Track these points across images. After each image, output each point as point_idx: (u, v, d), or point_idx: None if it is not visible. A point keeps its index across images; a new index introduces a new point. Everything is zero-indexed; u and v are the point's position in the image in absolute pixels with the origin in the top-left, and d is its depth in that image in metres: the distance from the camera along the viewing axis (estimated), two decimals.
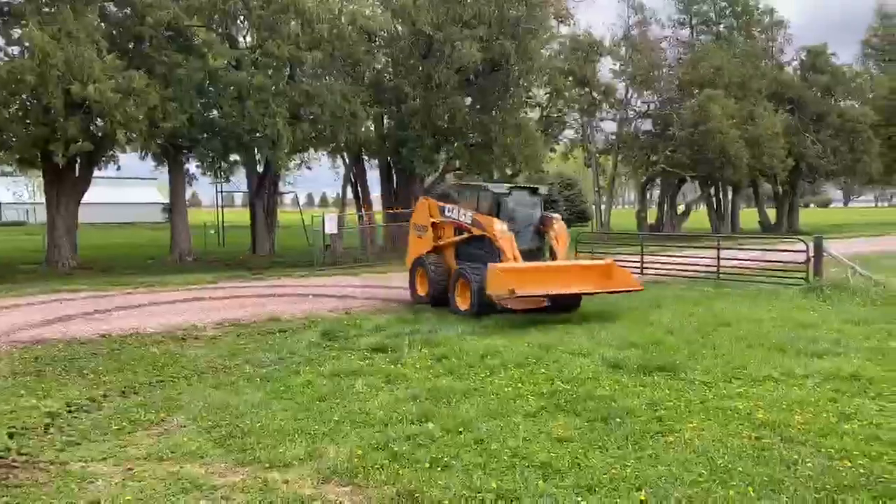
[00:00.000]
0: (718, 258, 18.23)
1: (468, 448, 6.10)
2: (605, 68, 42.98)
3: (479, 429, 6.56)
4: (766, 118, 40.67)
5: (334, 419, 6.97)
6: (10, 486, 5.39)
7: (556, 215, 14.11)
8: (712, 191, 47.71)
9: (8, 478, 5.59)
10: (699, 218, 51.07)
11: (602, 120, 44.60)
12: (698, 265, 18.64)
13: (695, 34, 47.77)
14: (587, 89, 38.55)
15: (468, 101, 29.45)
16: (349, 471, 5.59)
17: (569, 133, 42.68)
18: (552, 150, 39.03)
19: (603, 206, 46.25)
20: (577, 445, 6.14)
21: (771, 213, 53.49)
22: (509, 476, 5.48)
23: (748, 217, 53.50)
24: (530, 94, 32.57)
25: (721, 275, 17.94)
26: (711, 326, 11.46)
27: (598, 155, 44.42)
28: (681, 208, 49.20)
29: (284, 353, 10.17)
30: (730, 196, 49.44)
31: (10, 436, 6.60)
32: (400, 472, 5.57)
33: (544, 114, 37.37)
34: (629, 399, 7.46)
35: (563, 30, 34.79)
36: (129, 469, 5.74)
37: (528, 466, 5.68)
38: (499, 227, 13.14)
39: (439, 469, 5.64)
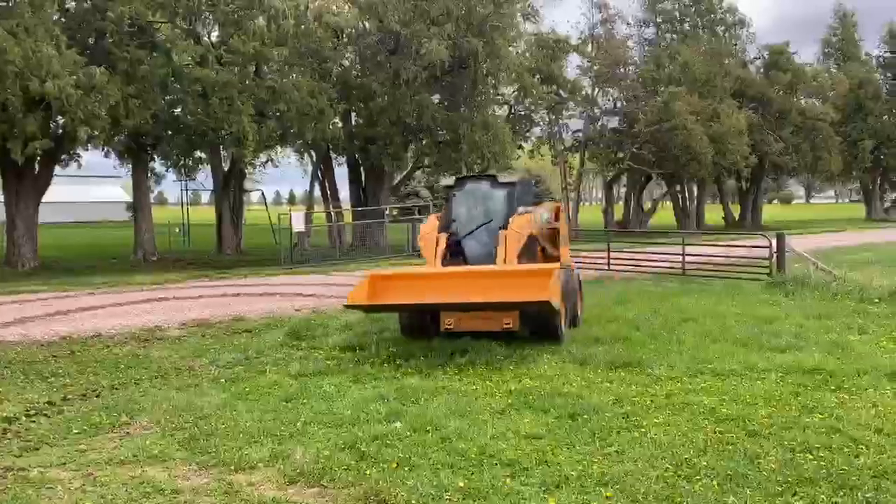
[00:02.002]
0: (683, 254, 18.44)
1: (436, 447, 6.07)
2: (572, 66, 43.26)
3: (447, 427, 6.53)
4: (731, 116, 41.26)
5: (301, 420, 6.90)
6: None
7: (526, 209, 11.03)
8: (678, 187, 48.30)
9: None
10: (665, 214, 51.67)
11: (569, 118, 44.86)
12: (664, 261, 18.85)
13: (660, 32, 48.29)
14: (554, 87, 38.70)
15: (436, 98, 29.44)
16: (315, 472, 5.53)
17: (536, 130, 42.84)
18: (520, 147, 39.14)
19: (570, 204, 46.54)
20: (545, 442, 6.15)
21: (735, 210, 54.32)
22: (476, 474, 5.47)
23: (713, 213, 54.26)
24: (498, 91, 32.65)
25: (686, 270, 18.15)
26: (676, 322, 11.59)
27: (565, 152, 44.65)
28: (647, 205, 49.74)
29: (250, 354, 10.07)
30: (695, 192, 50.08)
31: None
32: (367, 472, 5.52)
33: (512, 111, 37.48)
34: (596, 395, 7.51)
35: (530, 27, 34.92)
36: (90, 474, 5.61)
37: (496, 464, 5.67)
38: (423, 227, 11.26)
39: (406, 468, 5.60)
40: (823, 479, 5.28)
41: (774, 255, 16.28)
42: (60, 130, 21.37)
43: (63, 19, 21.68)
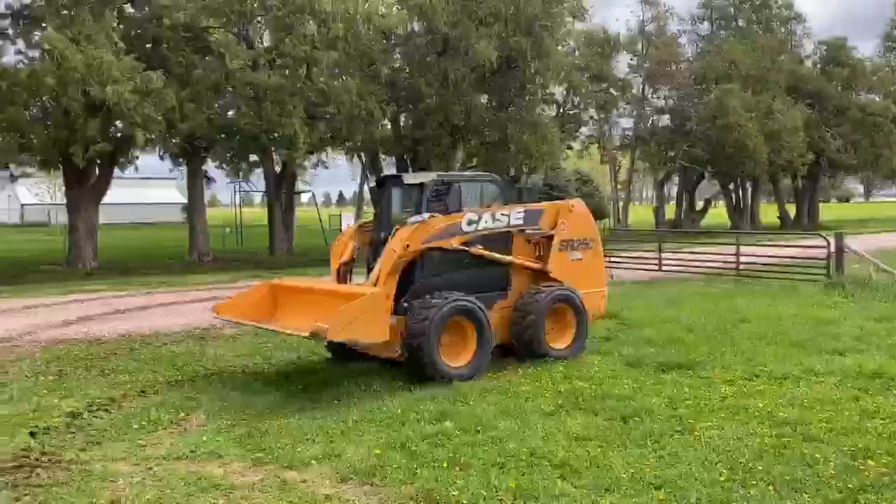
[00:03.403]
0: (738, 254, 18.07)
1: (486, 447, 6.08)
2: (622, 64, 42.79)
3: (497, 427, 6.55)
4: (786, 112, 40.26)
5: (352, 418, 6.98)
6: (33, 486, 5.45)
7: (421, 216, 8.68)
8: (731, 186, 47.32)
9: (30, 477, 5.65)
10: (718, 214, 50.67)
11: (619, 116, 44.37)
12: (717, 261, 18.49)
13: (713, 28, 47.38)
14: (604, 85, 38.36)
15: (484, 98, 29.41)
16: (367, 470, 5.60)
17: (585, 130, 42.48)
18: (569, 147, 38.87)
19: (620, 203, 46.03)
20: (596, 444, 6.11)
21: (791, 209, 52.96)
22: (527, 475, 5.46)
23: (768, 212, 52.97)
24: (547, 91, 32.46)
25: (740, 271, 17.78)
26: (731, 323, 11.36)
27: (615, 151, 44.21)
28: (699, 204, 48.85)
29: (303, 353, 10.21)
30: (749, 191, 49.01)
31: (33, 434, 6.67)
32: (417, 471, 5.56)
33: (560, 111, 37.23)
34: (648, 398, 7.41)
35: (579, 26, 34.63)
36: (149, 468, 5.78)
37: (547, 465, 5.65)
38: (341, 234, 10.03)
39: (457, 468, 5.62)
40: (886, 486, 5.13)
41: (832, 256, 15.83)
42: (119, 134, 21.99)
43: (122, 26, 22.31)
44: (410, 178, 9.87)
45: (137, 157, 26.26)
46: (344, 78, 25.37)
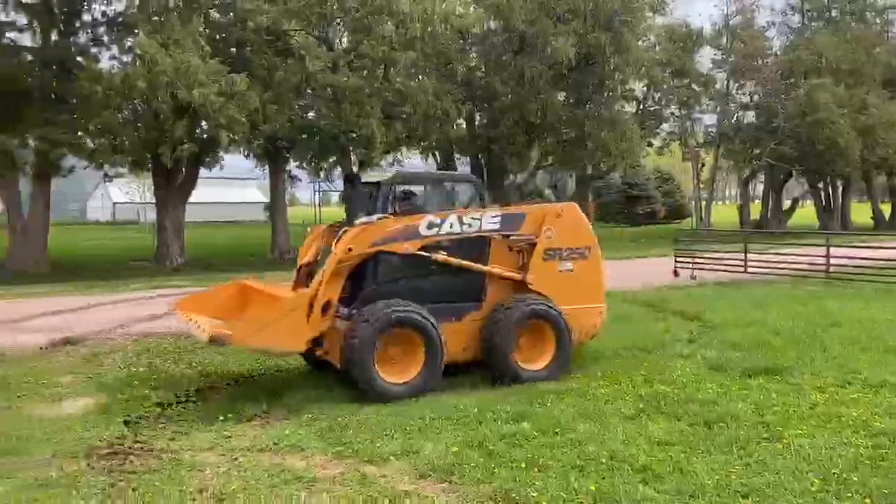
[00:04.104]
0: (828, 255, 17.29)
1: (564, 449, 6.00)
2: (705, 59, 41.59)
3: (576, 430, 6.45)
4: (881, 106, 38.29)
5: (430, 415, 7.01)
6: (126, 472, 5.69)
7: (370, 218, 8.13)
8: (821, 185, 45.35)
9: (124, 464, 5.90)
10: (806, 214, 48.65)
11: (702, 112, 43.13)
12: (805, 263, 17.74)
13: (803, 20, 45.49)
14: (686, 81, 37.36)
15: (561, 96, 29.13)
16: (445, 468, 5.61)
17: (666, 127, 41.48)
18: (649, 144, 38.06)
19: (703, 203, 44.77)
20: (679, 450, 5.94)
21: (885, 209, 50.33)
22: (608, 479, 5.36)
23: (860, 212, 50.49)
24: (626, 87, 31.89)
25: (830, 273, 17.01)
26: (821, 327, 10.87)
27: (697, 149, 42.98)
28: (786, 204, 47.01)
29: None
30: (840, 190, 46.87)
31: (126, 423, 6.98)
32: (496, 471, 5.54)
33: (640, 107, 36.50)
34: (733, 403, 7.17)
35: (660, 20, 33.88)
36: (235, 459, 5.95)
37: (628, 470, 5.53)
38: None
39: (535, 469, 5.57)
40: None
41: None
42: (205, 135, 22.78)
43: (207, 31, 23.08)
44: (368, 176, 9.27)
45: (222, 158, 27.16)
46: (420, 78, 25.57)
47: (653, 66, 31.78)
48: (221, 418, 7.14)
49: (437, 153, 32.95)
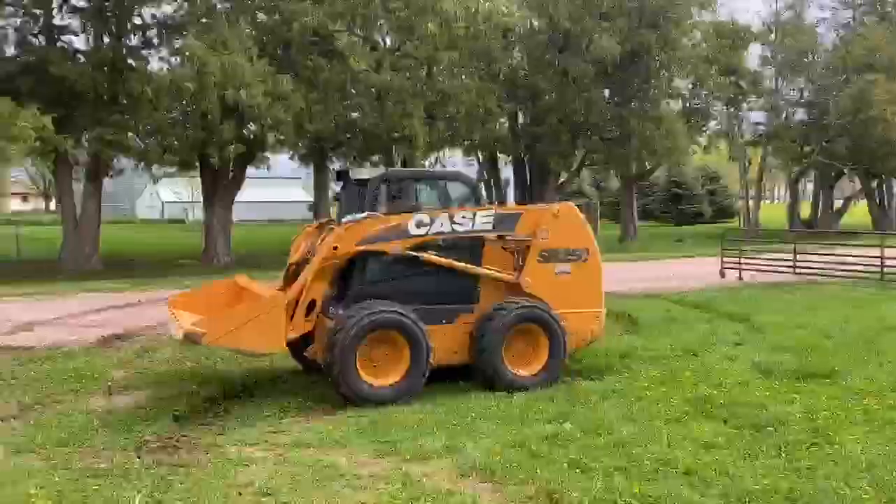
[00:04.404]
0: (882, 256, 16.78)
1: (608, 451, 5.95)
2: (753, 55, 40.71)
3: (619, 431, 6.39)
4: None
5: (472, 415, 7.02)
6: (175, 465, 5.82)
7: (354, 217, 8.01)
8: (874, 183, 44.03)
9: (173, 457, 6.04)
10: (859, 213, 47.31)
11: (750, 110, 42.23)
12: (858, 264, 17.25)
13: (855, 15, 44.22)
14: (733, 78, 36.62)
15: (605, 94, 28.87)
16: (487, 467, 5.60)
17: (712, 124, 40.72)
18: (695, 142, 37.43)
19: (750, 202, 43.87)
20: (726, 454, 5.84)
21: None
22: (652, 482, 5.30)
23: None
24: (672, 84, 31.44)
25: (886, 275, 16.51)
26: (875, 331, 10.56)
27: (745, 147, 42.11)
28: (838, 203, 45.78)
29: None
30: (895, 189, 45.46)
31: (175, 419, 7.13)
32: (538, 471, 5.52)
33: (686, 105, 35.93)
34: (782, 406, 7.01)
35: (707, 16, 33.27)
36: (280, 455, 6.04)
37: (673, 473, 5.46)
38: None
39: (578, 470, 5.53)
40: None
41: None
42: (251, 136, 23.13)
43: (254, 32, 23.44)
44: (357, 174, 8.93)
45: (268, 158, 27.57)
46: (463, 77, 25.59)
47: (699, 63, 31.28)
48: (267, 414, 7.27)
49: (479, 152, 32.94)
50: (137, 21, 22.38)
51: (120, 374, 8.95)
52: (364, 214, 7.95)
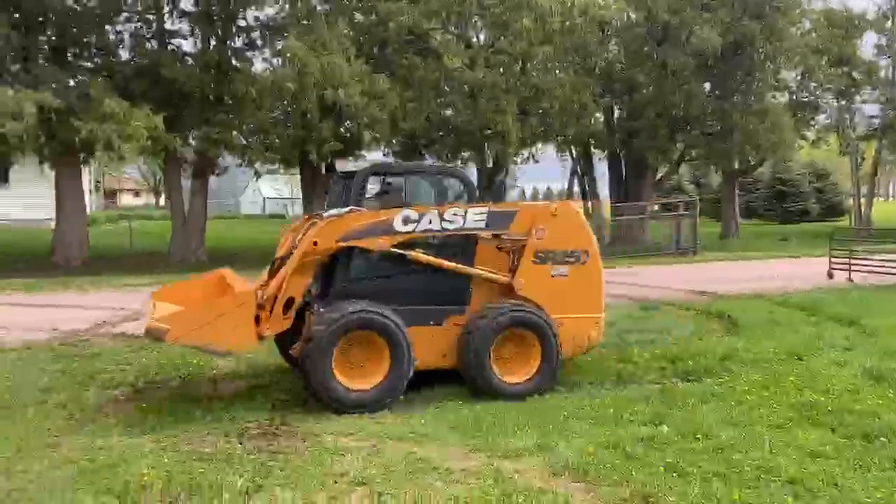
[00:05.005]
0: None
1: (706, 455, 5.76)
2: (868, 44, 38.43)
3: (718, 436, 6.18)
4: None
5: (563, 414, 6.95)
6: (274, 453, 6.02)
7: (339, 212, 7.70)
8: None
9: (272, 444, 6.26)
10: None
11: (864, 102, 39.90)
12: None
13: None
14: (845, 69, 34.71)
15: (706, 86, 27.94)
16: (580, 467, 5.53)
17: (822, 118, 38.71)
18: (802, 136, 35.71)
19: (862, 199, 41.49)
20: (834, 463, 5.56)
21: None
22: (753, 489, 5.10)
23: None
24: (778, 76, 30.10)
25: None
26: None
27: (857, 141, 39.83)
28: None
29: None
30: None
31: (273, 406, 7.39)
32: (633, 473, 5.40)
33: (793, 97, 34.33)
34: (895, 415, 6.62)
35: (817, 4, 31.71)
36: (374, 446, 6.15)
37: (776, 481, 5.24)
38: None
39: (675, 474, 5.39)
40: None
41: None
42: (348, 134, 23.64)
43: (352, 33, 23.93)
44: (342, 167, 8.56)
45: (364, 156, 28.12)
46: (558, 72, 25.32)
47: (808, 53, 29.82)
48: None
49: (573, 147, 32.54)
50: (241, 24, 23.28)
51: (224, 363, 9.32)
52: (347, 209, 7.61)
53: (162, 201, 66.80)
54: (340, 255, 7.59)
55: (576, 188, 34.82)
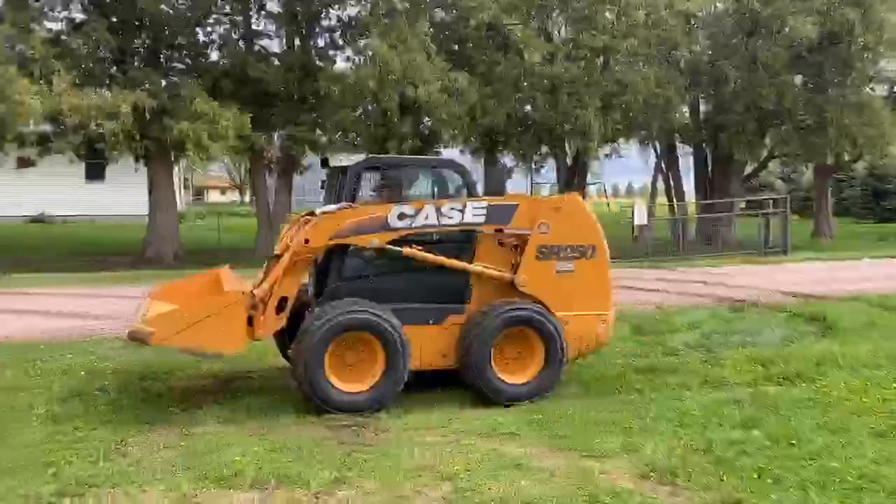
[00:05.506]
0: None
1: (802, 463, 5.53)
2: None
3: (814, 443, 5.92)
4: None
5: (649, 416, 6.80)
6: (358, 444, 6.13)
7: (330, 207, 7.47)
8: None
9: (357, 436, 6.36)
10: None
11: None
12: None
13: None
14: None
15: (799, 79, 26.79)
16: (668, 469, 5.40)
17: None
18: None
19: None
20: None
21: None
22: (854, 499, 4.87)
23: None
24: (877, 67, 28.58)
25: None
26: None
27: None
28: None
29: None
30: None
31: None
32: (724, 478, 5.24)
33: (893, 90, 32.54)
34: None
35: None
36: (457, 441, 6.16)
37: (880, 492, 4.98)
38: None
39: (769, 481, 5.19)
40: None
41: None
42: (426, 132, 23.77)
43: (432, 30, 24.04)
44: (337, 161, 8.16)
45: (441, 153, 28.24)
46: (641, 65, 24.78)
47: None
48: (444, 402, 7.39)
49: (656, 143, 31.81)
50: (325, 23, 23.73)
51: None
52: (338, 205, 7.34)
53: (247, 198, 68.79)
54: (334, 253, 7.39)
55: (659, 184, 34.01)
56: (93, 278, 17.18)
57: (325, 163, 8.62)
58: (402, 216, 7.20)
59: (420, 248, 7.38)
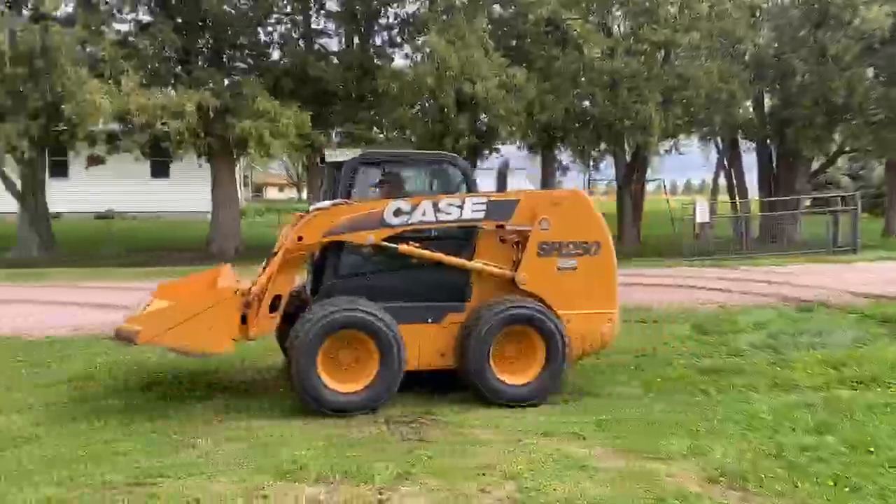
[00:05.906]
0: None
1: (880, 470, 5.31)
2: None
3: (893, 450, 5.67)
4: None
5: (717, 418, 6.62)
6: (420, 441, 6.13)
7: (324, 203, 7.26)
8: None
9: (418, 433, 6.37)
10: None
11: None
12: None
13: None
14: None
15: (871, 72, 25.79)
16: (737, 474, 5.24)
17: None
18: None
19: None
20: None
21: None
22: None
23: None
24: None
25: None
26: None
27: None
28: None
29: (657, 343, 9.98)
30: None
31: (417, 396, 7.44)
32: (798, 484, 5.06)
33: None
34: None
35: None
36: (519, 440, 6.10)
37: None
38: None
39: (846, 489, 4.99)
40: None
41: None
42: (484, 128, 23.71)
43: (490, 26, 23.95)
44: (333, 156, 7.91)
45: (498, 149, 28.12)
46: (704, 59, 24.22)
47: None
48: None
49: (718, 138, 31.06)
50: (383, 21, 23.88)
51: None
52: (332, 201, 7.17)
53: (304, 195, 69.82)
54: (330, 251, 7.24)
55: (721, 181, 33.18)
56: (157, 272, 17.66)
57: (322, 159, 8.43)
58: (398, 212, 7.06)
59: (419, 244, 7.22)
